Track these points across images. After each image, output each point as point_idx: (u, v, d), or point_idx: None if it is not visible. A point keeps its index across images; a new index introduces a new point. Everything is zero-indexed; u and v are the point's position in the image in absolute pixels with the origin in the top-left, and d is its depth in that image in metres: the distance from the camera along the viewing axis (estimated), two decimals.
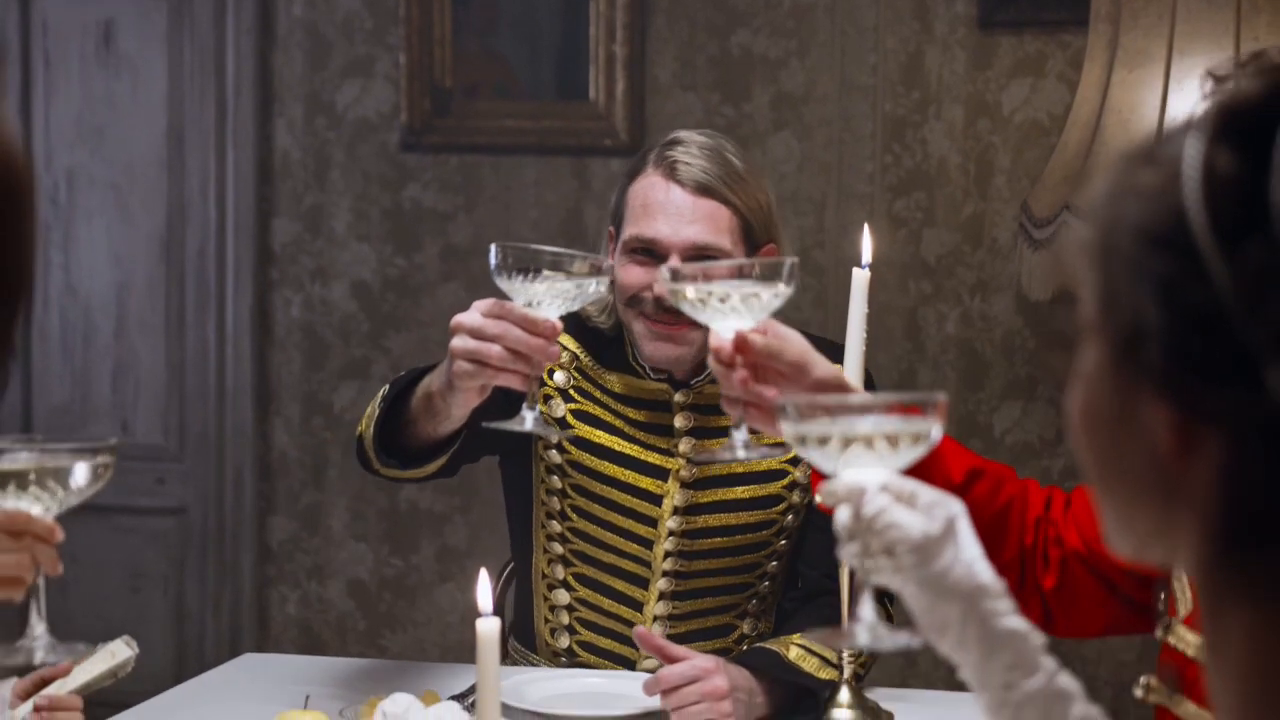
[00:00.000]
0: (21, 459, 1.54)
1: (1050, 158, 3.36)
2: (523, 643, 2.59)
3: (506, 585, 2.81)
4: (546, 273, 1.85)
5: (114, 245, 4.16)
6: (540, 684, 2.32)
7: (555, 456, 2.48)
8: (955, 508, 1.32)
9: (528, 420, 1.84)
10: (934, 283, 3.82)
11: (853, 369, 2.14)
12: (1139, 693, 1.83)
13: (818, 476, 1.48)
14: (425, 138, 4.01)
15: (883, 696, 2.30)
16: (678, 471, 2.46)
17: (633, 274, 2.42)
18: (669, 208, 2.39)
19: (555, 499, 2.49)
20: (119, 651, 2.00)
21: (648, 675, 2.21)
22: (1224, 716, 0.88)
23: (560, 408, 2.49)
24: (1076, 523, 1.94)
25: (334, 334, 4.10)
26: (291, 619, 4.16)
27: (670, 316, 2.39)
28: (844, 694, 2.25)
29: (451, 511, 4.06)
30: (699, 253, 2.36)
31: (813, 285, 3.86)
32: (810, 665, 2.27)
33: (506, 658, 2.61)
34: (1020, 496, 1.94)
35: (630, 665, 2.46)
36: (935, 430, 1.39)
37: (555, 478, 2.48)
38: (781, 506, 2.47)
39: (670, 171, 2.41)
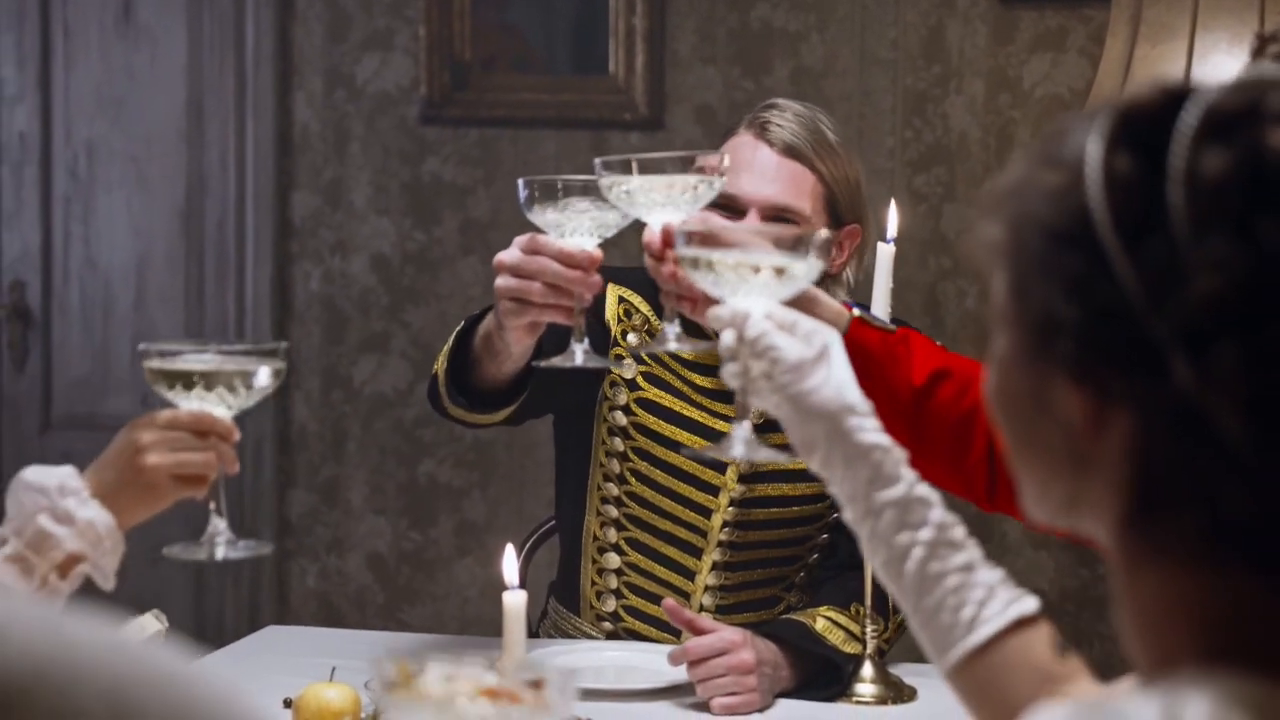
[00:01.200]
0: (210, 361, 1.65)
1: None
2: (565, 604, 2.57)
3: (529, 557, 2.81)
4: (575, 200, 1.84)
5: (133, 218, 4.16)
6: (566, 657, 2.32)
7: (620, 418, 2.47)
8: (831, 336, 1.47)
9: (577, 354, 1.82)
10: (954, 258, 3.81)
11: None
12: None
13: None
14: (445, 111, 4.00)
15: (906, 673, 2.31)
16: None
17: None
18: (754, 165, 2.38)
19: (616, 461, 2.48)
20: (149, 625, 2.01)
21: (673, 647, 2.21)
22: (1143, 668, 0.94)
23: (631, 369, 2.47)
24: None
25: (353, 307, 4.11)
26: (311, 592, 4.17)
27: None
28: (867, 669, 2.26)
29: (470, 486, 4.07)
30: (778, 213, 2.35)
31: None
32: (836, 638, 2.27)
33: (545, 618, 2.61)
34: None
35: (675, 633, 2.45)
36: (815, 266, 1.54)
37: (618, 440, 2.47)
38: None
39: (761, 131, 2.41)
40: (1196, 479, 0.89)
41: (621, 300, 2.50)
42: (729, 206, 2.38)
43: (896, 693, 2.25)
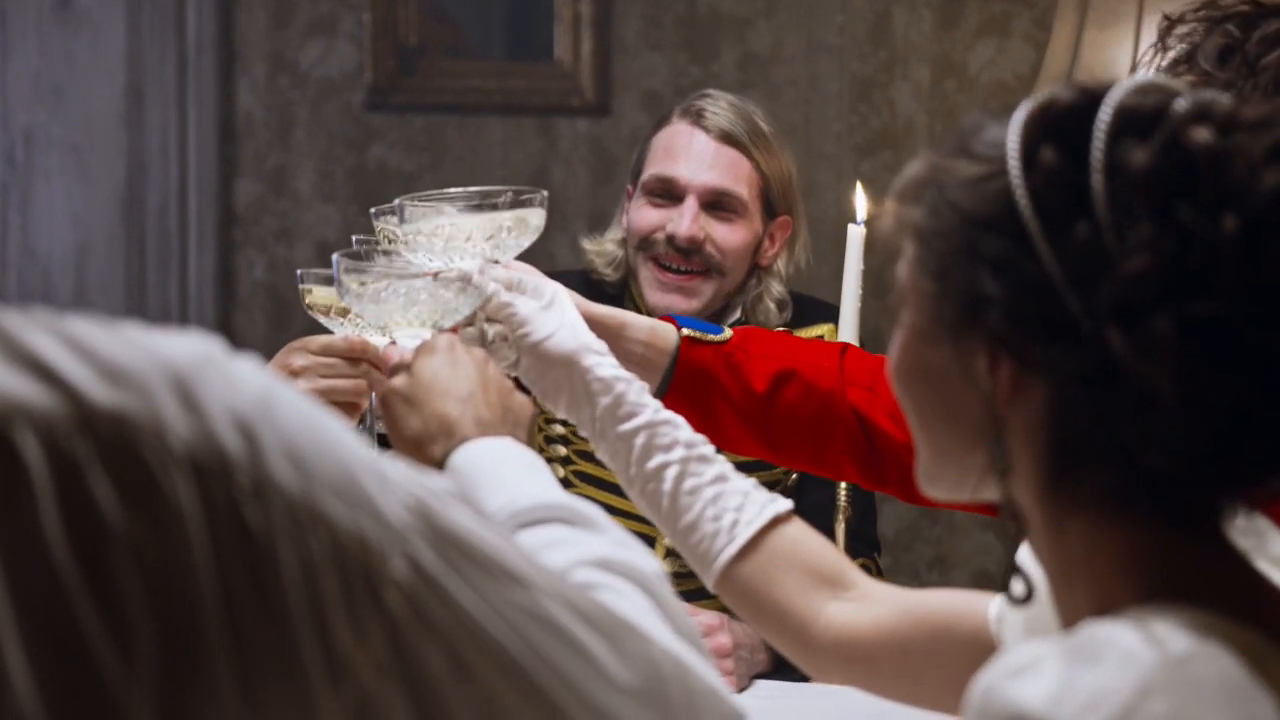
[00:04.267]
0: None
1: None
2: None
3: None
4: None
5: (73, 206, 4.11)
6: None
7: (558, 429, 2.48)
8: (556, 286, 1.54)
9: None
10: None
11: (848, 324, 2.16)
12: None
13: None
14: (390, 97, 3.98)
15: None
16: None
17: (647, 215, 2.43)
18: (691, 151, 2.40)
19: (558, 465, 2.49)
20: None
21: None
22: (1076, 602, 1.02)
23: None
24: None
25: (298, 296, 4.06)
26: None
27: (682, 260, 2.39)
28: None
29: None
30: (716, 198, 2.37)
31: None
32: None
33: None
34: (840, 398, 1.79)
35: None
36: (535, 218, 1.57)
37: (559, 446, 2.48)
38: (778, 490, 2.48)
39: (697, 118, 2.42)
40: (1112, 439, 0.98)
41: None
42: (667, 193, 2.39)
43: None
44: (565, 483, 2.48)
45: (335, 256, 1.55)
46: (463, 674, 0.88)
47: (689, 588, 2.47)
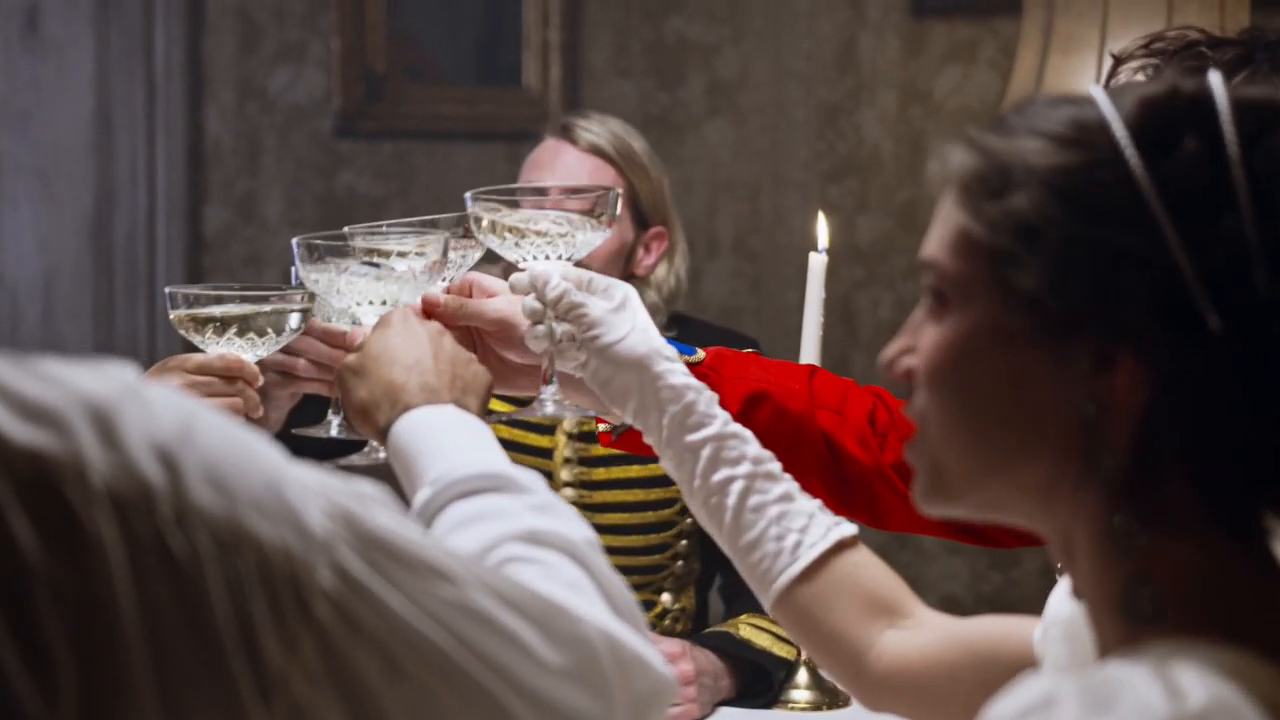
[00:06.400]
0: (244, 307, 1.66)
1: None
2: None
3: None
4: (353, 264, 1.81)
5: (41, 231, 4.10)
6: None
7: None
8: (627, 287, 1.51)
9: (333, 426, 1.86)
10: (867, 268, 3.85)
11: (810, 351, 2.16)
12: None
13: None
14: (359, 124, 3.99)
15: None
16: (561, 449, 2.49)
17: None
18: (557, 163, 2.46)
19: None
20: None
21: None
22: (1113, 634, 0.96)
23: None
24: None
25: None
26: None
27: None
28: (802, 675, 2.28)
29: None
30: None
31: (747, 271, 3.88)
32: (764, 641, 2.29)
33: None
34: (810, 424, 1.76)
35: None
36: (598, 233, 1.55)
37: None
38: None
39: (564, 133, 2.47)
40: (1208, 448, 0.93)
41: None
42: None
43: (831, 698, 2.27)
44: None
45: (296, 240, 1.59)
46: (395, 675, 0.89)
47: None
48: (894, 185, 3.84)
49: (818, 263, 2.16)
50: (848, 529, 1.39)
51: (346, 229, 1.63)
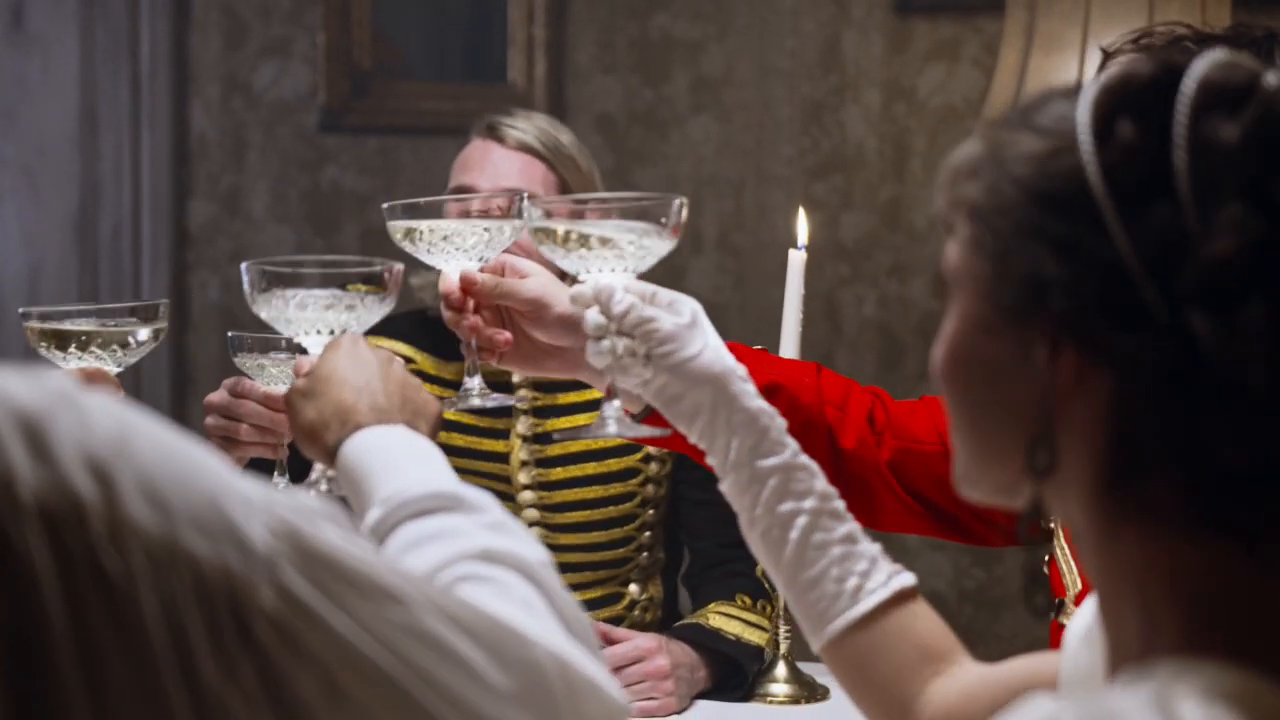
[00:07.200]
0: (92, 322, 1.70)
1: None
2: None
3: None
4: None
5: (26, 227, 4.10)
6: None
7: None
8: (694, 302, 1.45)
9: (280, 487, 1.89)
10: (852, 265, 3.86)
11: (789, 348, 2.18)
12: None
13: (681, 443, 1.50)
14: (344, 119, 3.99)
15: (819, 672, 2.33)
16: (517, 452, 2.50)
17: None
18: (485, 161, 2.47)
19: None
20: None
21: None
22: (1122, 633, 0.95)
23: None
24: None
25: (252, 317, 4.04)
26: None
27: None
28: (780, 669, 2.29)
29: None
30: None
31: (731, 267, 3.89)
32: (735, 628, 2.30)
33: None
34: (820, 418, 1.80)
35: None
36: (666, 242, 1.49)
37: None
38: (639, 479, 2.51)
39: (491, 132, 2.48)
40: (1185, 437, 0.91)
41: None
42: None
43: (809, 692, 2.28)
44: None
45: (245, 265, 1.58)
46: (337, 698, 0.86)
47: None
48: (878, 183, 3.85)
49: (797, 259, 2.17)
50: (908, 578, 1.36)
51: (385, 205, 1.69)
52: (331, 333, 1.55)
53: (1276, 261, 0.89)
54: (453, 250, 1.62)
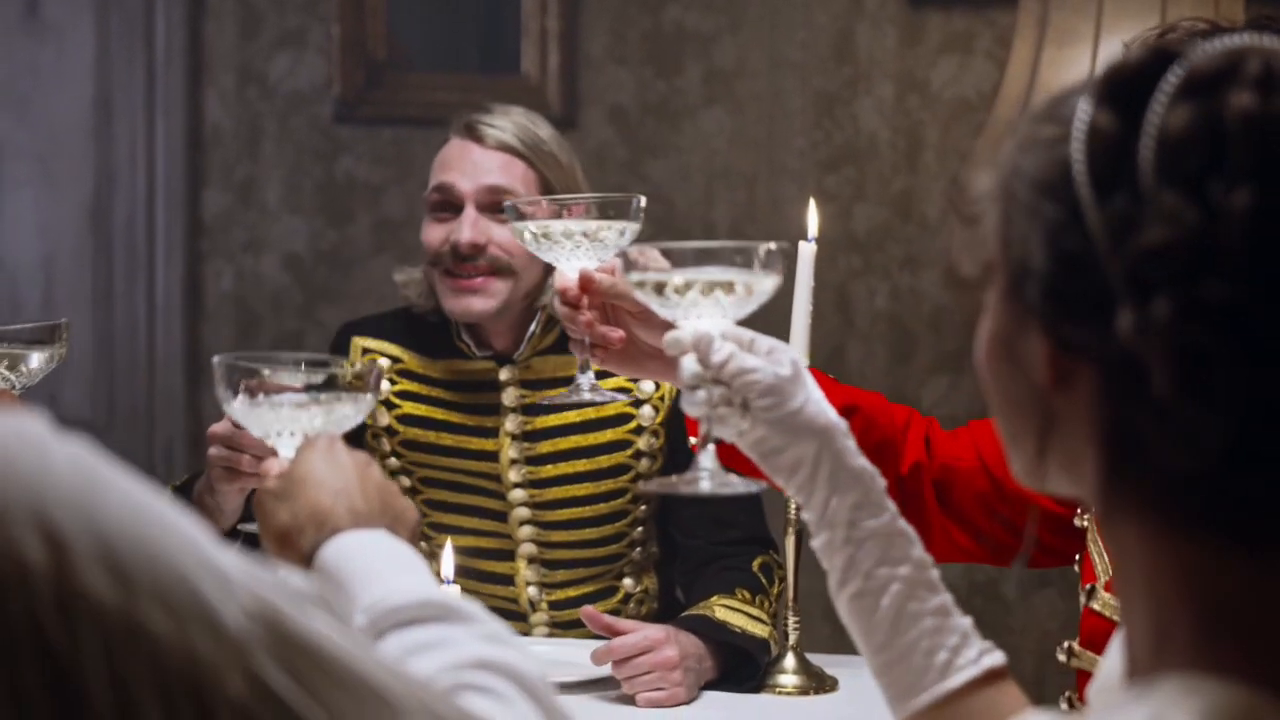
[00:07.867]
0: None
1: (979, 135, 3.40)
2: None
3: None
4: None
5: (40, 216, 4.12)
6: None
7: (394, 463, 2.58)
8: (794, 351, 1.39)
9: None
10: (864, 258, 3.86)
11: (798, 340, 2.18)
12: (1062, 657, 1.87)
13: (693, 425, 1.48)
14: (358, 110, 4.00)
15: (827, 663, 2.34)
16: (506, 450, 2.51)
17: (433, 232, 2.49)
18: (465, 161, 2.48)
19: (403, 476, 2.59)
20: None
21: (596, 644, 2.24)
22: (1135, 625, 0.94)
23: (385, 416, 2.56)
24: (979, 450, 1.90)
25: (266, 306, 4.09)
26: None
27: (469, 267, 2.44)
28: (789, 660, 2.30)
29: None
30: (493, 197, 2.42)
31: None
32: (740, 621, 2.30)
33: None
34: (893, 438, 1.85)
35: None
36: (770, 281, 1.43)
37: (403, 478, 2.58)
38: (629, 475, 2.52)
39: (469, 131, 2.49)
40: (1156, 435, 0.88)
41: (366, 352, 2.60)
42: (448, 205, 2.45)
43: (818, 683, 2.29)
44: (413, 491, 2.56)
45: (216, 360, 1.53)
46: None
47: (561, 597, 2.56)
48: (890, 175, 3.85)
49: (807, 251, 2.17)
50: (998, 657, 1.32)
51: (507, 202, 1.72)
52: (305, 436, 1.46)
53: (1198, 259, 0.86)
54: (572, 249, 1.66)
